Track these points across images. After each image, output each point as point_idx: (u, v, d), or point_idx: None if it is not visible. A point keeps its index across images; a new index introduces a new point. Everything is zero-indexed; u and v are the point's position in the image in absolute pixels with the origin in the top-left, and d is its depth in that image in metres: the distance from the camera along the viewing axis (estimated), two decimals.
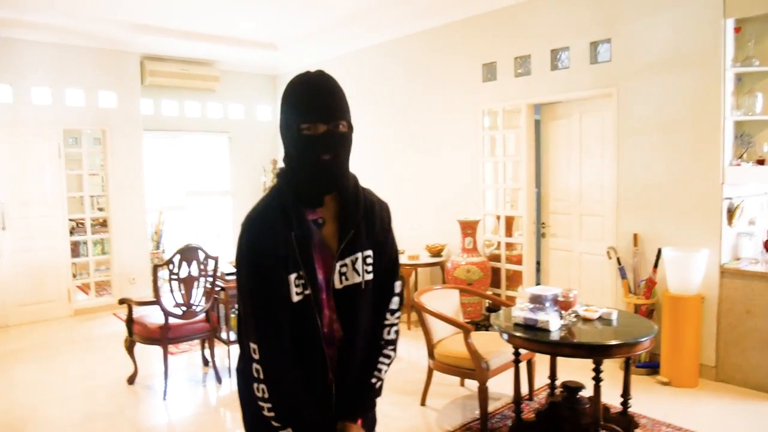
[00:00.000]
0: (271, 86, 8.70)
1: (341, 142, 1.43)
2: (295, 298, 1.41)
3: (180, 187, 8.18)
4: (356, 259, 1.50)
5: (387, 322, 1.59)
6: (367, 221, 1.52)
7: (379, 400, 1.61)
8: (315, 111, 1.39)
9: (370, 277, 1.53)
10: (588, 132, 5.00)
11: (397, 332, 1.62)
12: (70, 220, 6.77)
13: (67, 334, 6.01)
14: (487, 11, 5.50)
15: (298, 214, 1.43)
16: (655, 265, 4.36)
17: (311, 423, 1.45)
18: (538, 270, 5.61)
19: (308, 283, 1.42)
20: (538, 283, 5.51)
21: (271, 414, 1.42)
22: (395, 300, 1.61)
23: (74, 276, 6.87)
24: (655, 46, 4.33)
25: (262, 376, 1.41)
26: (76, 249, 6.96)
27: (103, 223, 7.17)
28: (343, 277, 1.48)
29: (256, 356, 1.40)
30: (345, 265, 1.48)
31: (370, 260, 1.52)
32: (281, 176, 1.51)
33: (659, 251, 4.32)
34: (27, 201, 6.33)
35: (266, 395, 1.41)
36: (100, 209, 7.22)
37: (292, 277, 1.40)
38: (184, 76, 7.58)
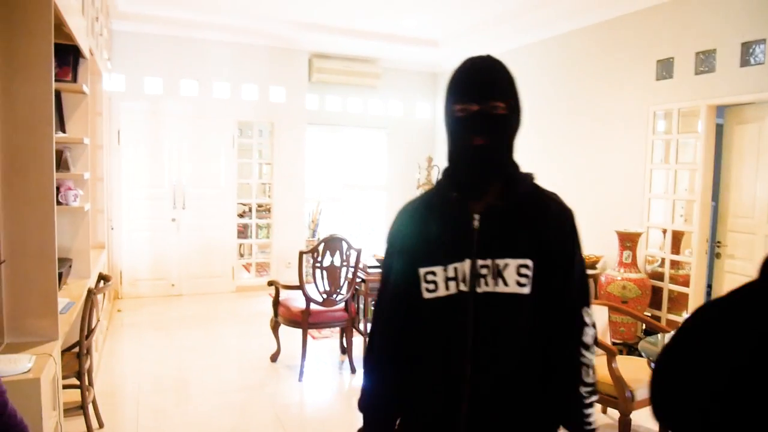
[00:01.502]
0: (431, 83, 8.72)
1: (497, 125, 1.28)
2: (427, 295, 1.29)
3: (338, 179, 8.54)
4: (505, 265, 1.26)
5: (584, 360, 1.30)
6: (532, 222, 1.30)
7: None
8: (468, 90, 1.28)
9: (524, 290, 1.26)
10: None
11: (595, 374, 1.33)
12: (239, 204, 7.40)
13: (228, 308, 6.58)
14: (666, 2, 4.94)
15: (447, 205, 1.32)
16: None
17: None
18: (708, 294, 4.95)
19: (442, 280, 1.27)
20: None
21: (359, 404, 1.43)
22: (589, 332, 1.31)
23: (240, 255, 7.49)
24: None
25: (365, 367, 1.45)
26: (242, 231, 7.58)
27: (267, 209, 7.74)
28: (483, 281, 1.26)
29: (368, 345, 1.43)
30: (486, 266, 1.26)
31: (526, 271, 1.26)
32: (444, 171, 1.41)
33: None
34: (204, 184, 7.04)
35: (362, 384, 1.44)
36: (268, 196, 7.79)
37: (423, 271, 1.28)
38: (347, 73, 7.89)
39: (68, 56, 3.77)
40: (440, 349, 1.30)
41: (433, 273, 1.28)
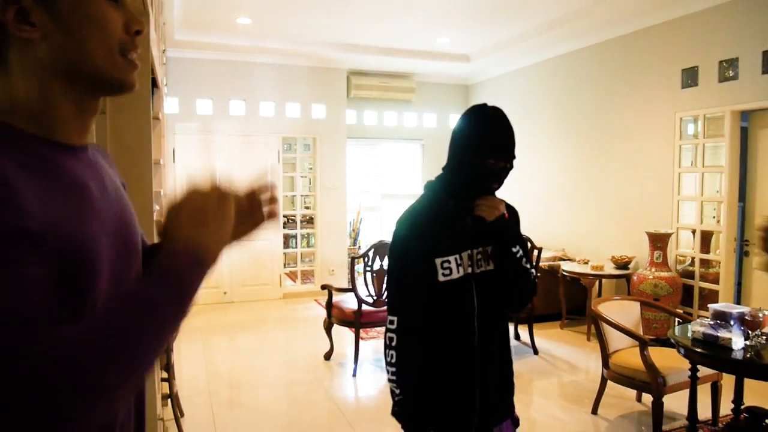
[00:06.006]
0: (464, 95, 9.06)
1: (508, 174, 1.71)
2: (442, 279, 1.65)
3: (376, 189, 8.94)
4: (491, 250, 1.72)
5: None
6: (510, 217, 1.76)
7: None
8: (503, 150, 1.66)
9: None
10: None
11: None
12: (283, 216, 7.84)
13: (277, 313, 7.01)
14: (690, 13, 5.21)
15: (446, 210, 1.72)
16: None
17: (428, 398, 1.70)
18: (738, 291, 5.16)
19: (455, 266, 1.66)
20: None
21: (393, 378, 1.68)
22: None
23: (285, 264, 7.93)
24: None
25: (393, 344, 1.67)
26: (287, 241, 8.01)
27: (310, 220, 8.16)
28: (480, 263, 1.70)
29: (393, 326, 1.68)
30: (480, 252, 1.70)
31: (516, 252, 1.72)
32: (438, 182, 1.80)
33: None
34: None
35: (393, 360, 1.67)
36: (307, 207, 8.23)
37: (439, 261, 1.65)
38: (384, 89, 8.29)
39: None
40: (455, 317, 1.68)
41: (449, 261, 1.66)
